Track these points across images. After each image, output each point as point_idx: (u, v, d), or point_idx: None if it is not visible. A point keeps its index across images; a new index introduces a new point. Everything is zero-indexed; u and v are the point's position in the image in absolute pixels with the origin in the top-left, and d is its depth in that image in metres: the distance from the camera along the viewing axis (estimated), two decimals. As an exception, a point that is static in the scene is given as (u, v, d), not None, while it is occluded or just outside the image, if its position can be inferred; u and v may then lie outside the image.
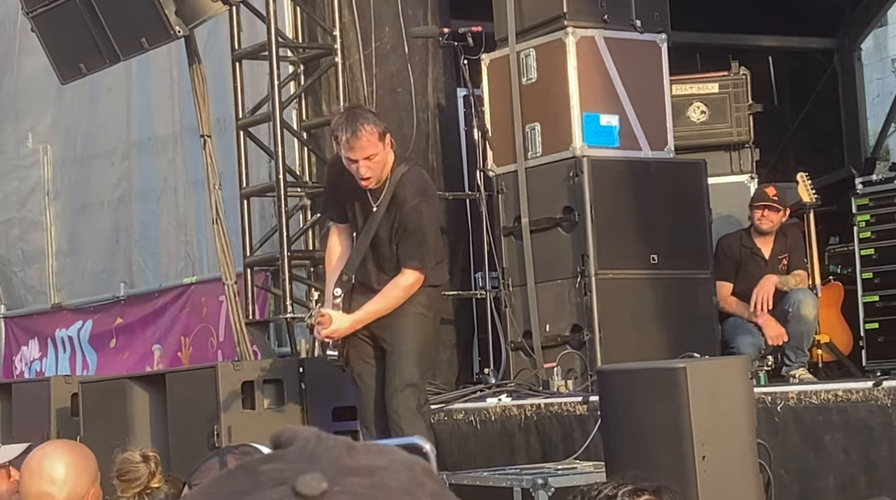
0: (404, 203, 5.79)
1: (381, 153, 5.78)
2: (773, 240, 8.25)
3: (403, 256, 5.81)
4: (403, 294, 5.85)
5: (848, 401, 5.54)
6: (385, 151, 5.79)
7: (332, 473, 1.06)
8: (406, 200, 5.79)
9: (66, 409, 7.61)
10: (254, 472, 1.08)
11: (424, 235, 5.80)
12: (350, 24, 8.47)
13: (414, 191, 5.81)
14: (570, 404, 6.53)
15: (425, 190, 5.88)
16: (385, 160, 5.82)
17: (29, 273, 11.62)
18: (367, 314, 5.90)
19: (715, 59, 9.79)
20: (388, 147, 5.82)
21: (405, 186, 5.82)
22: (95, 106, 10.88)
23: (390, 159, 5.86)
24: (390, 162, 5.87)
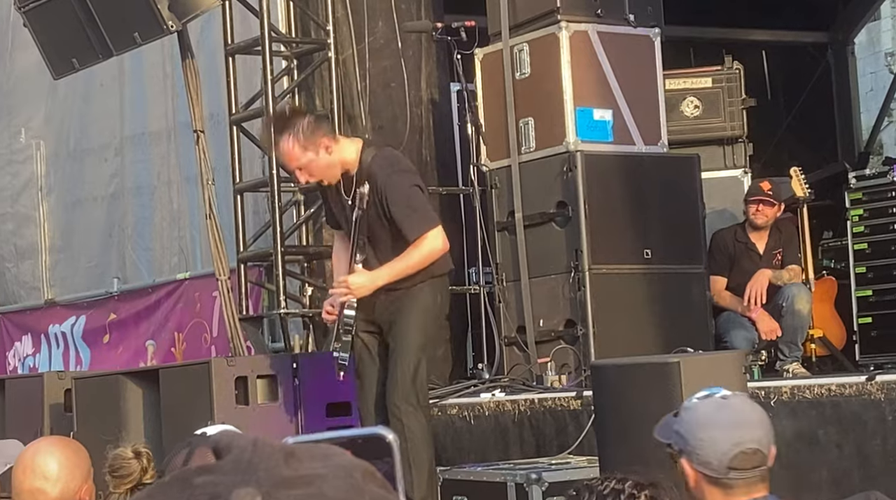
0: (377, 183, 5.71)
1: (314, 160, 5.69)
2: (768, 235, 8.25)
3: (405, 232, 5.72)
4: (425, 255, 5.69)
5: (841, 395, 5.54)
6: (319, 156, 5.69)
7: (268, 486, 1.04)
8: (378, 179, 5.71)
9: (60, 405, 7.60)
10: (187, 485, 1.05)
11: (409, 200, 5.70)
12: (343, 18, 8.46)
13: (382, 167, 5.73)
14: (563, 399, 6.53)
15: (392, 163, 5.78)
16: (327, 162, 5.72)
17: (22, 269, 11.60)
18: (389, 271, 5.74)
19: (708, 54, 9.79)
20: (326, 149, 5.69)
21: (374, 165, 5.74)
22: (88, 101, 10.87)
23: (337, 156, 5.73)
24: (344, 156, 5.75)
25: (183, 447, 3.52)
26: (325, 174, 5.78)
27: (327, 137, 5.72)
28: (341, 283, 5.79)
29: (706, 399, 3.41)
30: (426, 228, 5.72)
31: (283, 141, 5.69)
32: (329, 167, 5.76)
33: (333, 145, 5.73)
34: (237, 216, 8.69)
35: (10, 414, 7.85)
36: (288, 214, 8.58)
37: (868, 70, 14.14)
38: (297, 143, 5.66)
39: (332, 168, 5.77)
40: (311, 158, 5.69)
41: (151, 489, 1.08)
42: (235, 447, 1.09)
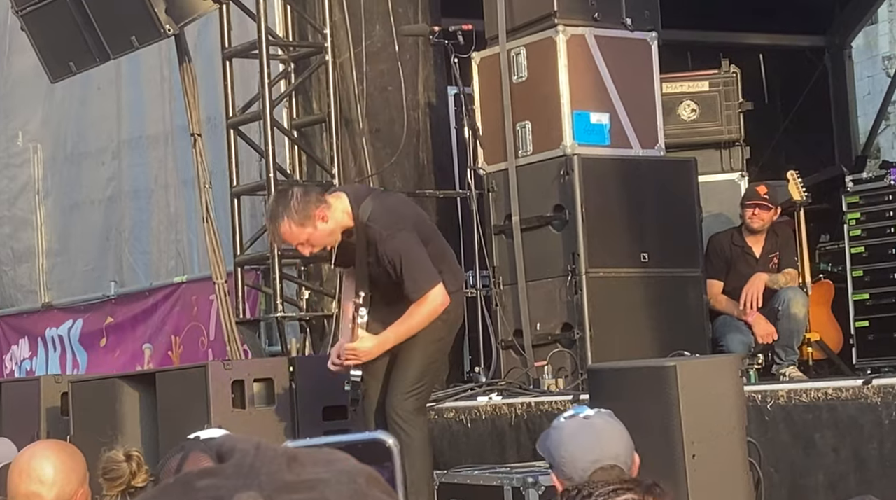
0: (377, 243, 5.76)
1: (314, 232, 5.73)
2: (764, 238, 8.25)
3: (408, 292, 5.77)
4: (428, 314, 5.77)
5: (838, 399, 5.54)
6: (318, 228, 5.73)
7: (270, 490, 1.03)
8: (377, 240, 5.76)
9: (56, 408, 7.59)
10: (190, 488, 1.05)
11: (409, 262, 5.74)
12: (340, 22, 8.46)
13: (380, 228, 5.76)
14: (560, 403, 6.53)
15: (388, 222, 5.79)
16: (327, 231, 5.75)
17: (19, 272, 11.60)
18: (395, 335, 5.81)
19: (705, 57, 9.79)
20: (322, 219, 5.72)
21: (371, 228, 5.77)
22: (86, 104, 10.87)
23: (333, 222, 5.75)
24: (338, 221, 5.78)
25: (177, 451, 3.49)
26: (328, 242, 5.83)
27: (320, 208, 5.73)
28: (351, 353, 5.81)
29: (571, 419, 3.72)
30: (427, 288, 5.75)
31: (281, 226, 5.75)
32: (330, 235, 5.80)
33: (328, 212, 5.75)
34: (234, 220, 8.69)
35: (6, 418, 7.84)
36: (285, 218, 8.57)
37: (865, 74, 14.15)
38: (293, 222, 5.70)
39: (333, 234, 5.81)
40: (311, 232, 5.74)
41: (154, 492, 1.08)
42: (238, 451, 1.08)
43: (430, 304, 5.78)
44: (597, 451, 3.63)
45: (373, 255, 5.79)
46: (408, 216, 5.93)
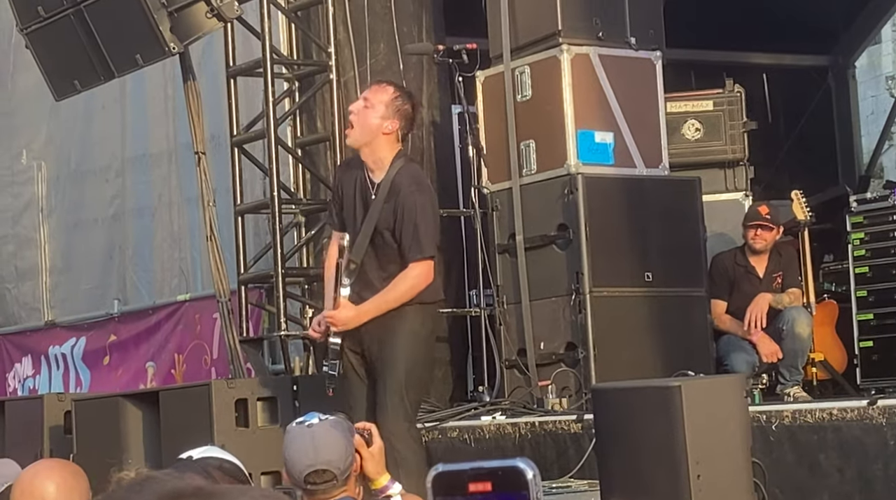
0: (400, 191, 5.84)
1: (374, 111, 5.86)
2: (767, 258, 8.24)
3: (405, 248, 5.81)
4: (412, 285, 5.81)
5: (843, 420, 5.53)
6: (377, 116, 5.86)
7: None
8: (401, 188, 5.85)
9: (60, 427, 7.59)
10: None
11: (418, 223, 5.80)
12: (345, 41, 8.47)
13: (409, 180, 5.88)
14: (564, 423, 6.52)
15: (420, 181, 5.95)
16: (373, 123, 5.88)
17: (22, 290, 11.59)
18: (376, 306, 5.85)
19: (709, 77, 9.79)
20: (386, 121, 5.87)
21: (402, 176, 5.89)
22: (90, 123, 10.88)
23: (381, 139, 5.89)
24: (381, 154, 5.90)
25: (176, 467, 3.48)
26: (361, 128, 5.91)
27: (397, 129, 5.88)
28: (330, 319, 5.84)
29: (297, 426, 4.24)
30: (425, 253, 5.78)
31: (389, 85, 6.04)
32: (369, 130, 5.89)
33: (390, 136, 5.88)
34: (238, 238, 8.69)
35: (9, 436, 7.84)
36: (289, 236, 8.58)
37: (869, 93, 14.16)
38: (389, 95, 5.90)
39: (369, 138, 5.90)
40: (377, 110, 5.87)
41: None
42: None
43: (414, 275, 5.82)
44: (312, 456, 4.12)
45: (389, 204, 5.82)
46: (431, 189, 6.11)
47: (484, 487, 1.36)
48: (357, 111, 5.95)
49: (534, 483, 1.28)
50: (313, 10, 8.68)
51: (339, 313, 5.83)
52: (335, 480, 4.15)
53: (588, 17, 7.60)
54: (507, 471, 1.31)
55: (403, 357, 5.85)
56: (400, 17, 8.43)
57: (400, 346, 5.85)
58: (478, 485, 1.40)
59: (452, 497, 1.37)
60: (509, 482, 1.32)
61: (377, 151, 5.92)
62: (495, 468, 1.34)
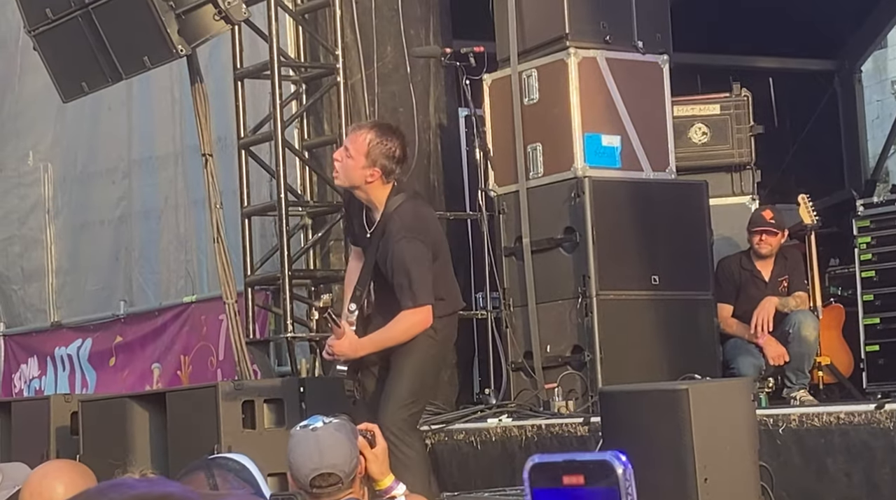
0: (390, 238, 5.81)
1: (354, 161, 5.84)
2: (773, 262, 8.24)
3: (399, 297, 5.81)
4: (406, 330, 5.82)
5: (850, 424, 5.53)
6: (358, 167, 5.83)
7: None
8: (392, 235, 5.81)
9: (66, 428, 7.60)
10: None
11: (408, 272, 5.76)
12: (352, 43, 8.48)
13: (400, 225, 5.81)
14: (571, 425, 6.52)
15: (413, 226, 5.84)
16: (353, 174, 5.86)
17: (29, 291, 11.60)
18: (372, 344, 5.91)
19: (715, 81, 9.79)
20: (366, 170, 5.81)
21: (395, 220, 5.84)
22: (96, 124, 10.89)
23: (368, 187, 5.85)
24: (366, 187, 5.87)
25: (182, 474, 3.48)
26: (344, 174, 5.93)
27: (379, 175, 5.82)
28: (330, 346, 5.92)
29: (301, 430, 4.26)
30: (417, 302, 5.78)
31: (366, 129, 5.96)
32: (352, 179, 5.90)
33: (374, 183, 5.85)
34: (244, 240, 8.70)
35: (16, 437, 7.84)
36: (295, 238, 8.59)
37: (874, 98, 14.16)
38: (366, 143, 5.85)
39: (354, 185, 5.92)
40: (357, 161, 5.85)
41: None
42: None
43: (411, 321, 5.82)
44: (316, 460, 4.13)
45: (383, 247, 5.81)
46: (430, 229, 5.99)
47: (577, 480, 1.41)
48: (340, 159, 5.95)
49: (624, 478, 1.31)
50: (321, 12, 8.69)
51: (339, 346, 5.91)
52: (340, 483, 4.17)
53: (595, 21, 7.60)
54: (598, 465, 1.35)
55: (413, 362, 5.86)
56: (407, 20, 8.44)
57: (412, 350, 5.86)
58: (571, 478, 1.45)
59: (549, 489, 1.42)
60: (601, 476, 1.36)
61: (368, 193, 5.92)
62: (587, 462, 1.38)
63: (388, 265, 5.80)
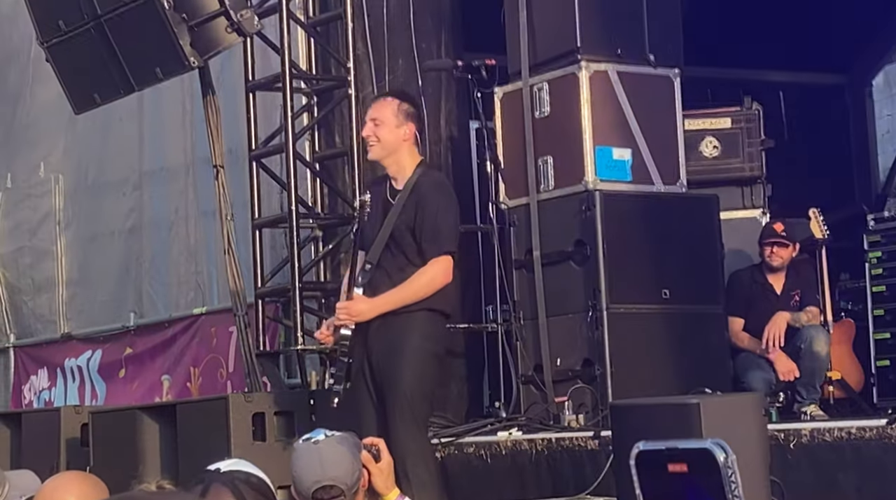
0: (420, 190, 5.96)
1: (388, 125, 5.99)
2: (785, 276, 8.23)
3: (424, 244, 5.85)
4: (430, 280, 5.86)
5: (861, 439, 5.52)
6: (392, 128, 5.98)
7: None
8: (422, 188, 5.97)
9: (76, 439, 7.61)
10: None
11: (437, 220, 5.84)
12: (364, 56, 8.49)
13: (430, 182, 6.02)
14: (581, 439, 6.51)
15: (442, 183, 6.10)
16: (391, 137, 5.99)
17: (39, 302, 11.62)
18: (391, 300, 5.89)
19: (726, 94, 9.79)
20: (401, 128, 5.99)
21: (423, 179, 6.02)
22: (107, 135, 10.91)
23: (403, 150, 6.01)
24: (403, 160, 6.01)
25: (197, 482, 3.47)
26: (381, 145, 6.01)
27: (414, 133, 6.04)
28: (342, 309, 5.85)
29: (303, 443, 4.31)
30: (444, 249, 5.82)
31: (389, 96, 6.15)
32: (390, 142, 6.00)
33: (409, 142, 6.02)
34: (255, 252, 8.71)
35: (26, 448, 7.86)
36: (306, 251, 8.59)
37: (885, 112, 14.11)
38: (395, 106, 6.03)
39: (392, 149, 6.01)
40: (389, 123, 5.99)
41: None
42: None
43: (432, 272, 5.86)
44: (319, 473, 4.17)
45: (410, 203, 5.88)
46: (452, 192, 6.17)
47: (681, 468, 1.43)
48: (371, 133, 6.06)
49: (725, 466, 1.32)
50: (332, 25, 8.71)
51: (353, 304, 5.85)
52: (343, 496, 4.19)
53: (607, 35, 7.61)
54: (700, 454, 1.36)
55: (408, 372, 5.86)
56: (419, 33, 8.45)
57: (404, 361, 5.86)
58: (675, 466, 1.46)
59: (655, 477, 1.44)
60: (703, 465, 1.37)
61: (400, 160, 6.06)
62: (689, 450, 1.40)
63: (418, 215, 5.85)
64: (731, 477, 1.36)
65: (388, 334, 5.90)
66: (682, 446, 1.40)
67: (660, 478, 1.48)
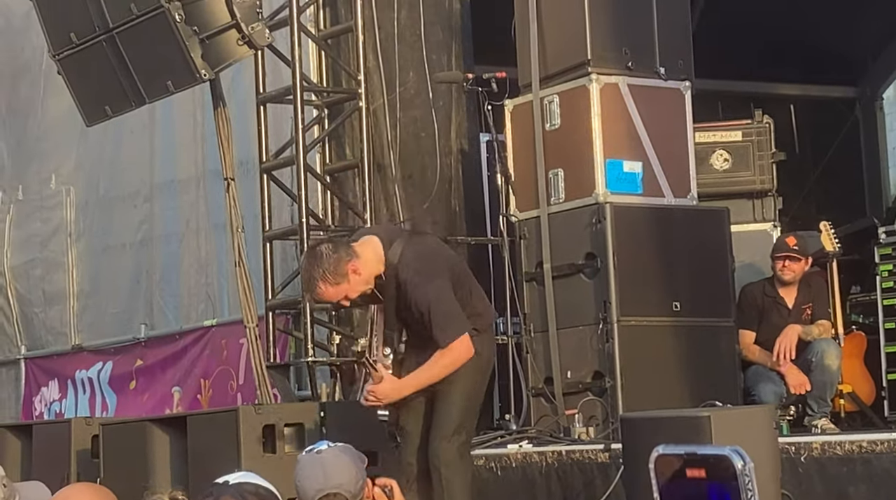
0: (408, 289, 5.77)
1: (350, 287, 5.77)
2: (797, 289, 8.22)
3: (435, 335, 5.78)
4: (447, 366, 5.79)
5: (872, 452, 5.51)
6: (352, 283, 5.76)
7: None
8: (407, 285, 5.77)
9: (87, 451, 7.60)
10: None
11: (438, 311, 5.74)
12: (374, 68, 8.51)
13: (411, 274, 5.78)
14: (591, 452, 6.50)
15: (421, 269, 5.80)
16: (361, 282, 5.78)
17: (50, 314, 11.64)
18: (416, 382, 5.83)
19: (736, 107, 9.80)
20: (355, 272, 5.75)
21: (402, 270, 5.79)
22: (119, 148, 10.94)
23: (366, 272, 5.78)
24: (370, 270, 5.80)
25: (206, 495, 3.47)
26: (364, 290, 5.86)
27: (352, 262, 5.75)
28: (371, 394, 5.84)
29: (307, 454, 4.40)
30: (454, 336, 5.75)
31: (317, 289, 5.81)
32: (365, 284, 5.83)
33: (360, 265, 5.77)
34: (266, 264, 8.72)
35: (37, 460, 7.86)
36: (316, 263, 8.58)
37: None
38: (329, 284, 5.74)
39: (368, 283, 5.84)
40: (346, 287, 5.77)
41: None
42: None
43: (454, 354, 5.77)
44: (322, 481, 4.25)
45: (402, 299, 5.80)
46: (438, 262, 5.92)
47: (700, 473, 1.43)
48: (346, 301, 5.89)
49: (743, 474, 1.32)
50: (343, 38, 8.73)
51: (380, 389, 5.82)
52: None
53: (617, 47, 7.61)
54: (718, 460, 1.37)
55: (459, 388, 5.83)
56: (429, 46, 8.47)
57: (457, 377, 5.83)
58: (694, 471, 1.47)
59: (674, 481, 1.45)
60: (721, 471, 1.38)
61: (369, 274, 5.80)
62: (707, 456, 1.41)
63: (415, 309, 5.78)
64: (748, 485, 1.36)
65: None
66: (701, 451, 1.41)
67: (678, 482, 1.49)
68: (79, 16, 7.82)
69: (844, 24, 10.78)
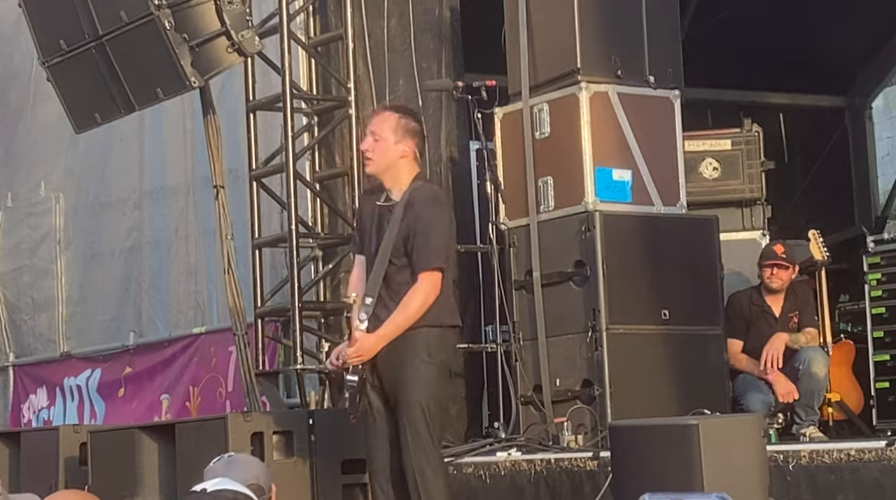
0: (415, 205, 5.92)
1: (385, 141, 5.97)
2: (784, 298, 8.24)
3: (414, 261, 5.84)
4: (422, 299, 5.84)
5: (860, 461, 5.52)
6: (391, 144, 5.96)
7: None
8: (416, 202, 5.93)
9: (75, 458, 7.60)
10: None
11: (428, 236, 5.83)
12: (364, 76, 8.52)
13: (424, 196, 5.97)
14: (580, 460, 6.51)
15: (436, 197, 6.03)
16: (389, 152, 5.97)
17: (38, 321, 11.62)
18: (392, 328, 5.88)
19: (725, 116, 9.83)
20: (400, 145, 5.97)
21: (417, 193, 5.97)
22: (108, 155, 10.93)
23: (401, 167, 5.99)
24: (401, 174, 5.98)
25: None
26: (379, 160, 6.01)
27: (413, 149, 6.01)
28: (353, 354, 5.85)
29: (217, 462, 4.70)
30: (433, 263, 5.85)
31: (388, 110, 6.12)
32: (388, 159, 6.00)
33: (408, 158, 6.01)
34: (255, 271, 8.71)
35: (25, 467, 7.85)
36: (306, 270, 8.60)
37: (885, 134, 14.15)
38: (393, 120, 6.00)
39: (389, 165, 6.00)
40: (387, 139, 5.97)
41: None
42: None
43: (423, 291, 5.86)
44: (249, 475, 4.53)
45: (405, 220, 5.86)
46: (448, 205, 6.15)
47: None
48: (370, 148, 6.04)
49: None
50: (333, 45, 8.73)
51: (361, 345, 5.85)
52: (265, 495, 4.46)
53: (607, 56, 7.63)
54: None
55: (419, 389, 5.85)
56: (419, 54, 8.48)
57: (414, 381, 5.85)
58: None
59: None
60: None
61: (397, 174, 6.03)
62: None
63: (412, 231, 5.84)
64: None
65: (395, 357, 5.91)
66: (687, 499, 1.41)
67: None
68: (68, 23, 7.82)
69: (834, 33, 10.81)
